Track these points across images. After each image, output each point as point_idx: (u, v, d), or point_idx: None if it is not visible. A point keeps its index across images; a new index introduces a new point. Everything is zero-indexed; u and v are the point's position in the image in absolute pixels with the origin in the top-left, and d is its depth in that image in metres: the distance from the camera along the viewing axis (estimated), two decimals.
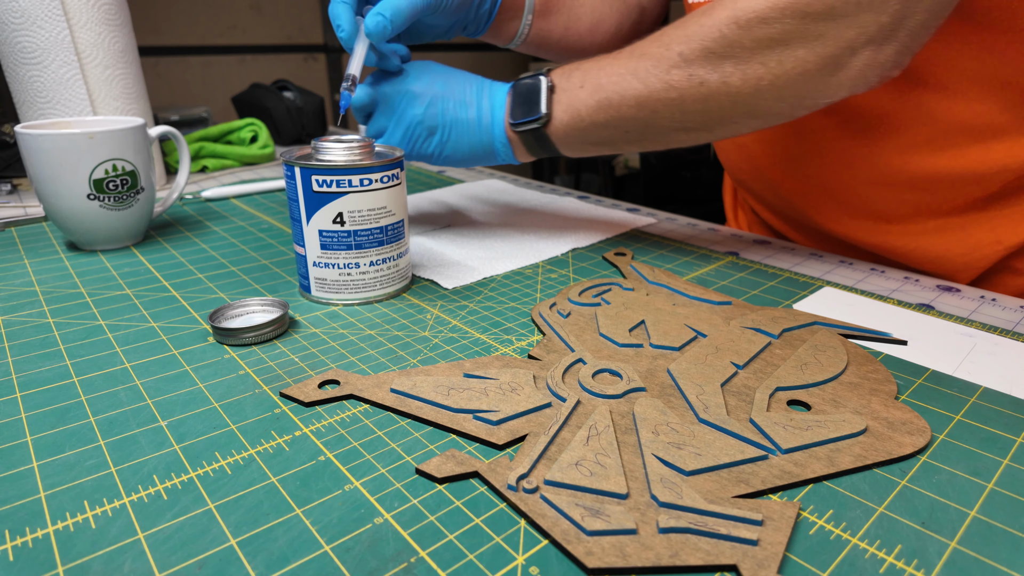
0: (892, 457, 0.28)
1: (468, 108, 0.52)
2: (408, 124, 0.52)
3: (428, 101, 0.52)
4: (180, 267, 0.52)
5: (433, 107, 0.52)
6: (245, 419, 0.32)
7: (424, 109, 0.51)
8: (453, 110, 0.52)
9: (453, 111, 0.52)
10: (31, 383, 0.35)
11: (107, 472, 0.28)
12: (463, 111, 0.52)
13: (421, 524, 0.25)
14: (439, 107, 0.52)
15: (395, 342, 0.40)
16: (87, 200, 0.52)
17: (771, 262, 0.54)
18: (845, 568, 0.23)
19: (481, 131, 0.52)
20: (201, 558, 0.23)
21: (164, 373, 0.36)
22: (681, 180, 1.90)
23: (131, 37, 0.70)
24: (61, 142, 0.50)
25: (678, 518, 0.24)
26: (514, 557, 0.24)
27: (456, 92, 0.52)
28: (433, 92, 0.52)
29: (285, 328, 0.41)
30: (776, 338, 0.39)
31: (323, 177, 0.41)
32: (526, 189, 0.78)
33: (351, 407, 0.33)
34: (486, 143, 0.52)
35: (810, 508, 0.26)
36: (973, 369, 0.36)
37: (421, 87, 0.52)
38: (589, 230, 0.61)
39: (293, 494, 0.27)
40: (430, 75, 0.53)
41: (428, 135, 0.52)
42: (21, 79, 0.64)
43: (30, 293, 0.46)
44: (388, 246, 0.44)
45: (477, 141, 0.52)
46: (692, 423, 0.31)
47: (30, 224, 0.63)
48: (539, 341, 0.40)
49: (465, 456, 0.28)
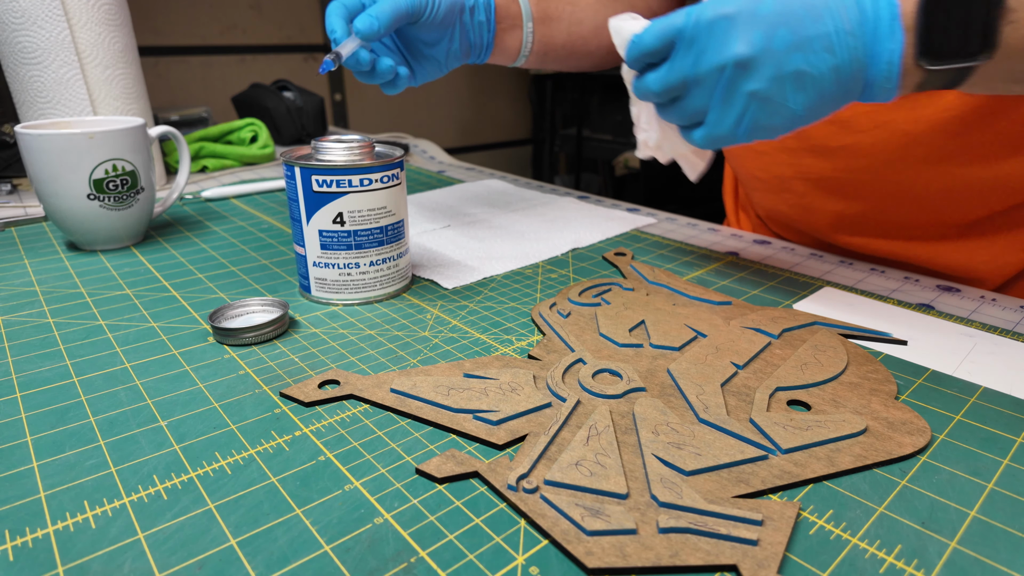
0: (892, 457, 0.28)
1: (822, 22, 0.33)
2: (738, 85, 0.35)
3: (760, 32, 0.34)
4: (180, 267, 0.52)
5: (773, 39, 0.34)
6: (245, 419, 0.32)
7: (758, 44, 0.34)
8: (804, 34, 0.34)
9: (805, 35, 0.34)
10: (31, 383, 0.35)
11: (107, 472, 0.28)
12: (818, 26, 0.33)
13: (421, 524, 0.25)
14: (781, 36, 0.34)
15: (395, 342, 0.40)
16: (87, 200, 0.52)
17: (771, 262, 0.54)
18: (845, 568, 0.23)
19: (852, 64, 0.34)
20: (201, 558, 0.23)
21: (164, 373, 0.36)
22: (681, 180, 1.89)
23: (131, 37, 0.70)
24: (61, 142, 0.50)
25: (678, 518, 0.24)
26: (514, 557, 0.24)
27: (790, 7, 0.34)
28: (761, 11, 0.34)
29: (285, 328, 0.41)
30: (776, 338, 0.39)
31: (323, 177, 0.41)
32: (526, 189, 0.78)
33: (351, 407, 0.33)
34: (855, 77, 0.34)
35: (810, 508, 0.26)
36: (973, 369, 0.36)
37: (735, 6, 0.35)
38: (589, 230, 0.61)
39: (293, 494, 0.27)
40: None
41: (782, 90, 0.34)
42: (21, 79, 0.64)
43: (30, 293, 0.46)
44: (388, 246, 0.44)
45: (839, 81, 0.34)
46: (692, 423, 0.31)
47: (30, 224, 0.63)
48: (539, 341, 0.40)
49: (465, 456, 0.28)
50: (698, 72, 0.36)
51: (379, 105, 2.24)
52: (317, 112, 1.06)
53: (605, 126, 2.45)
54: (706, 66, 0.35)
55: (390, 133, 1.25)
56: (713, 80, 0.36)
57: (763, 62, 0.34)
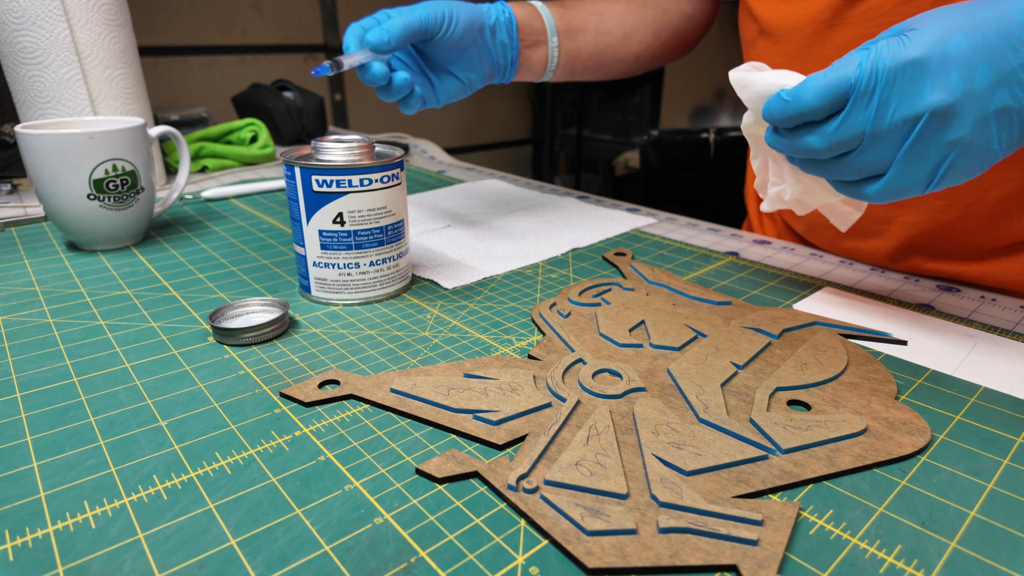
0: (892, 457, 0.28)
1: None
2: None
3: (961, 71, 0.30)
4: (180, 267, 0.52)
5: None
6: (245, 419, 0.32)
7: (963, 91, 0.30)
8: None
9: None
10: (31, 383, 0.35)
11: (107, 472, 0.28)
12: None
13: (421, 524, 0.25)
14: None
15: (395, 342, 0.40)
16: (87, 200, 0.52)
17: (771, 262, 0.54)
18: (845, 568, 0.23)
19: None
20: (201, 558, 0.23)
21: (164, 373, 0.36)
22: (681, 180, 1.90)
23: (131, 37, 0.70)
24: (61, 142, 0.50)
25: (678, 518, 0.24)
26: (514, 557, 0.24)
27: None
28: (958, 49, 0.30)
29: (285, 328, 0.41)
30: (776, 338, 0.39)
31: (323, 177, 0.41)
32: (526, 189, 0.78)
33: (351, 407, 0.33)
34: None
35: (810, 508, 0.26)
36: (973, 369, 0.36)
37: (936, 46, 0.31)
38: (589, 230, 0.61)
39: (293, 494, 0.27)
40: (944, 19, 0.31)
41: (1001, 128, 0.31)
42: (21, 79, 0.64)
43: (30, 293, 0.46)
44: (388, 246, 0.44)
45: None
46: (692, 423, 0.31)
47: (30, 224, 0.63)
48: (539, 341, 0.40)
49: (465, 456, 0.28)
50: (881, 127, 0.32)
51: (379, 105, 2.24)
52: (317, 112, 1.06)
53: (605, 126, 2.45)
54: (893, 120, 0.31)
55: (390, 133, 1.25)
56: (901, 134, 0.32)
57: (965, 107, 0.30)
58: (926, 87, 0.31)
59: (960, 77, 0.30)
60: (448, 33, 0.51)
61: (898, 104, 0.31)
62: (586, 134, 2.47)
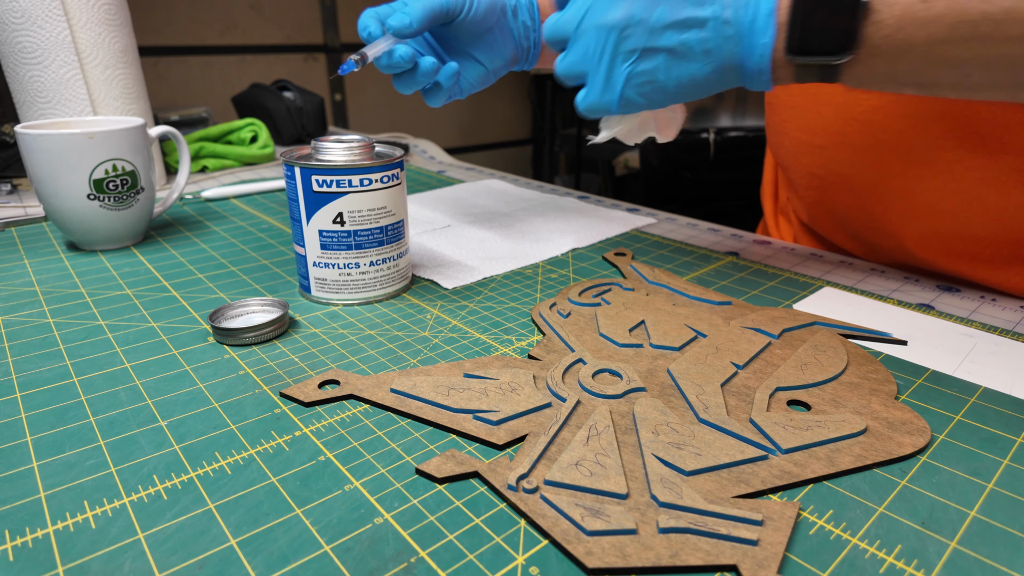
0: (892, 457, 0.28)
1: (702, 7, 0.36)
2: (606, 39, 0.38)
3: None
4: (180, 267, 0.52)
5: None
6: (245, 419, 0.32)
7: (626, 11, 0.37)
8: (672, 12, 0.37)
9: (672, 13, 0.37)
10: (31, 383, 0.35)
11: (107, 472, 0.28)
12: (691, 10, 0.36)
13: (421, 524, 0.25)
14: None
15: (395, 342, 0.40)
16: (87, 200, 0.52)
17: (771, 262, 0.54)
18: (845, 568, 0.23)
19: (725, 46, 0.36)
20: (201, 558, 0.23)
21: (164, 373, 0.36)
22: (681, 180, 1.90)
23: (131, 37, 0.70)
24: (61, 142, 0.50)
25: (678, 518, 0.24)
26: (514, 557, 0.24)
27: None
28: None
29: (285, 328, 0.41)
30: (776, 338, 0.39)
31: (323, 177, 0.41)
32: (526, 189, 0.78)
33: (351, 407, 0.33)
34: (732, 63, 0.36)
35: (810, 508, 0.26)
36: (973, 369, 0.36)
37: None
38: (589, 230, 0.61)
39: (293, 494, 0.27)
40: None
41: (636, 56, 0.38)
42: (21, 79, 0.64)
43: (30, 293, 0.46)
44: (388, 246, 0.44)
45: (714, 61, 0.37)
46: (692, 423, 0.31)
47: (30, 224, 0.63)
48: (539, 341, 0.40)
49: (465, 456, 0.28)
50: (581, 30, 0.40)
51: (379, 105, 2.24)
52: (317, 112, 1.06)
53: None
54: (588, 25, 0.39)
55: (390, 133, 1.25)
56: (596, 41, 0.39)
57: (638, 31, 0.37)
58: (616, 6, 0.38)
59: (642, 7, 0.37)
60: (470, 13, 0.49)
61: (595, 14, 0.39)
62: (586, 134, 2.47)
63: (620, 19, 0.37)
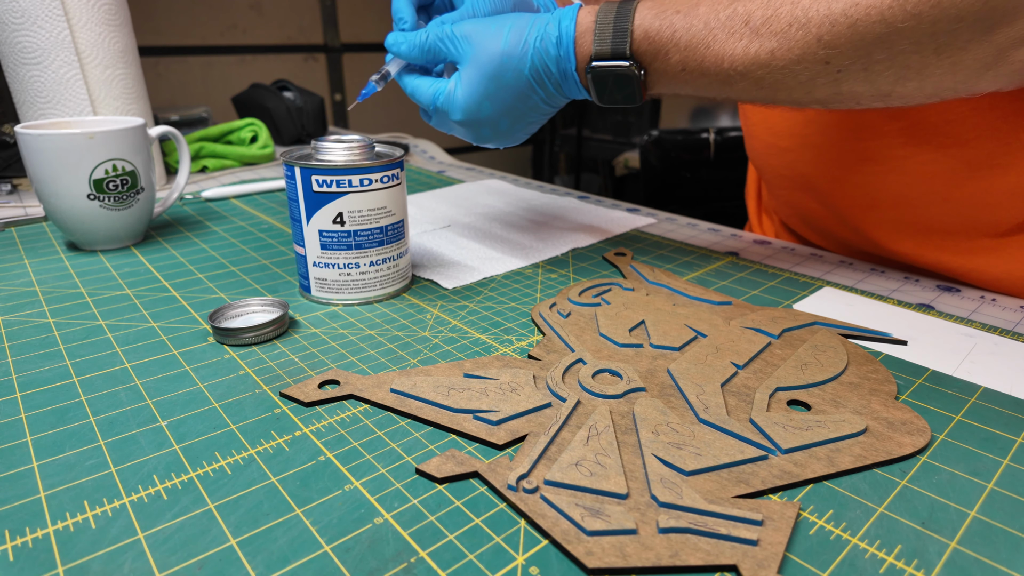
0: (892, 457, 0.28)
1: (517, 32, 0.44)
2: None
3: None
4: (180, 267, 0.52)
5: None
6: (245, 419, 0.32)
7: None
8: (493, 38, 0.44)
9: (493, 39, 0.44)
10: (31, 383, 0.35)
11: (107, 472, 0.28)
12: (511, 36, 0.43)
13: (421, 524, 0.25)
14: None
15: (395, 342, 0.40)
16: (87, 200, 0.52)
17: (771, 262, 0.54)
18: (845, 568, 0.23)
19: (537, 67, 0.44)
20: (201, 558, 0.23)
21: (164, 373, 0.36)
22: (681, 180, 1.90)
23: (131, 37, 0.70)
24: (61, 142, 0.50)
25: (678, 518, 0.24)
26: (514, 557, 0.24)
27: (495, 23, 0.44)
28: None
29: (285, 328, 0.41)
30: (776, 338, 0.39)
31: (323, 177, 0.41)
32: (526, 189, 0.78)
33: (351, 407, 0.33)
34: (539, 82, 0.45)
35: (810, 508, 0.26)
36: (973, 369, 0.36)
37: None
38: (589, 230, 0.61)
39: (293, 494, 0.27)
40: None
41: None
42: (21, 79, 0.64)
43: (30, 293, 0.46)
44: (388, 246, 0.44)
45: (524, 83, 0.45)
46: (692, 423, 0.31)
47: (30, 224, 0.63)
48: (539, 341, 0.40)
49: (465, 456, 0.28)
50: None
51: (379, 105, 2.24)
52: (317, 112, 1.06)
53: (605, 126, 2.45)
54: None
55: (390, 133, 1.25)
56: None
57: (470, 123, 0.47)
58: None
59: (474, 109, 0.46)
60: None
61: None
62: (586, 134, 2.47)
63: (457, 119, 0.47)
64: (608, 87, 0.43)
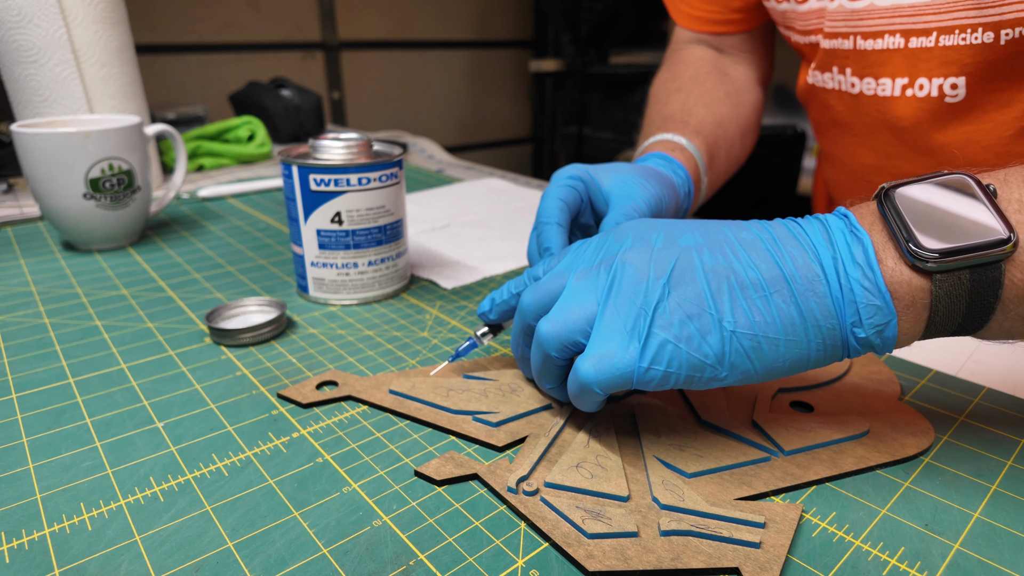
0: (895, 458, 0.28)
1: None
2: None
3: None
4: (177, 267, 0.51)
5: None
6: (242, 420, 0.31)
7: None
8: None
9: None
10: (27, 384, 0.34)
11: (103, 474, 0.27)
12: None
13: (420, 526, 0.25)
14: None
15: (394, 343, 0.39)
16: (83, 199, 0.52)
17: None
18: (848, 570, 0.23)
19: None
20: (198, 560, 0.23)
21: (161, 374, 0.35)
22: None
23: (128, 35, 0.69)
24: (57, 141, 0.50)
25: (680, 521, 0.24)
26: (514, 560, 0.23)
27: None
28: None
29: (283, 329, 0.40)
30: None
31: (321, 176, 0.41)
32: (526, 188, 0.77)
33: (349, 408, 0.32)
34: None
35: (813, 510, 0.26)
36: (977, 370, 0.36)
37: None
38: None
39: (291, 496, 0.26)
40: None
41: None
42: (17, 77, 0.64)
43: (26, 293, 0.46)
44: (386, 246, 0.44)
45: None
46: (694, 425, 0.30)
47: (26, 224, 0.62)
48: None
49: (464, 458, 0.28)
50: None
51: (377, 103, 2.24)
52: (315, 110, 1.05)
53: (606, 124, 2.44)
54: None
55: (388, 131, 1.25)
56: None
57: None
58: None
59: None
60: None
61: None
62: (587, 132, 2.46)
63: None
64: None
